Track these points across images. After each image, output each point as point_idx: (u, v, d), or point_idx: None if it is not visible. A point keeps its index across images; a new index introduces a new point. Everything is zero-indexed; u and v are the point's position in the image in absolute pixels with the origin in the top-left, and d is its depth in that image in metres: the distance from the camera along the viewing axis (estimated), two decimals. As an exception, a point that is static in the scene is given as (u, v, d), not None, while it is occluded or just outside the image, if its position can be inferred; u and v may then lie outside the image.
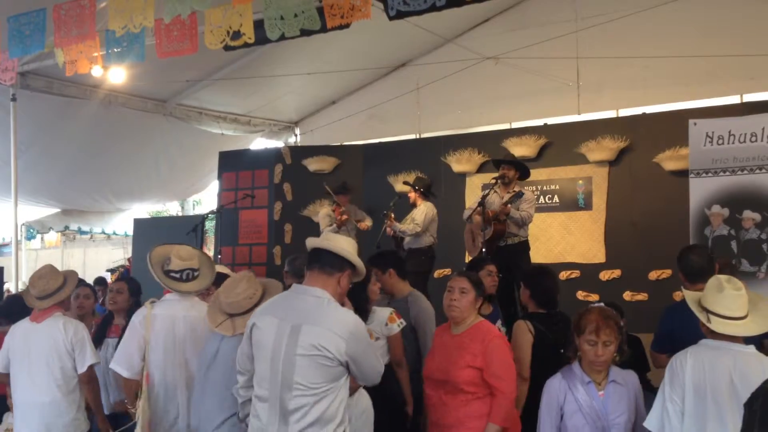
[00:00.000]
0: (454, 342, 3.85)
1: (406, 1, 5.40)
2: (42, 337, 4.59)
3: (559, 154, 9.31)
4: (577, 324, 3.52)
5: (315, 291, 3.24)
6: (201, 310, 4.32)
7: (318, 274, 3.28)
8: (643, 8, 8.78)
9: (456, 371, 3.71)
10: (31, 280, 4.74)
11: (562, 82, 9.85)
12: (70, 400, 4.61)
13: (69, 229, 12.72)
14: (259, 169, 10.68)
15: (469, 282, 3.90)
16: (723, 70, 9.06)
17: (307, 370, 3.10)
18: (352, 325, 3.18)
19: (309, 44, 8.51)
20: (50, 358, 4.55)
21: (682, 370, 3.23)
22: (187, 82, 10.25)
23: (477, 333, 3.81)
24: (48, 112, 9.34)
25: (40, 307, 4.68)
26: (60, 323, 4.65)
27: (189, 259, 4.44)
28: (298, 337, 3.12)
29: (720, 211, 6.67)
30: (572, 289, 8.81)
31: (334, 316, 3.18)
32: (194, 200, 16.26)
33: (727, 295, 3.26)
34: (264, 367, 3.21)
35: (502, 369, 3.72)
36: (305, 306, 3.21)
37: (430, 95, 10.97)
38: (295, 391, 3.10)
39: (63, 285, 4.77)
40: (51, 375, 4.54)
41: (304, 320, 3.15)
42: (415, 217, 8.09)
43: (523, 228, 7.31)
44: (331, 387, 3.13)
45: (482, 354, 3.69)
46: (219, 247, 10.17)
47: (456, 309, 3.87)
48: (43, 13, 6.36)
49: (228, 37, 5.67)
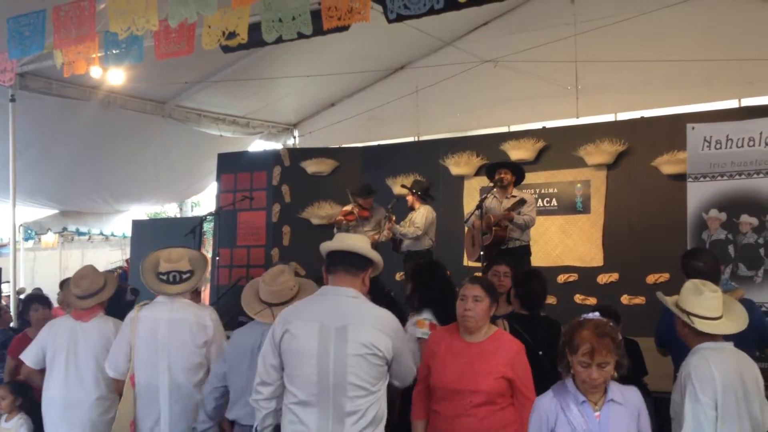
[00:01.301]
0: (472, 351, 3.66)
1: (406, 5, 5.41)
2: (93, 336, 4.68)
3: (557, 158, 9.32)
4: (569, 340, 3.07)
5: (348, 291, 3.28)
6: (187, 312, 4.33)
7: (344, 276, 3.32)
8: (641, 12, 8.78)
9: (488, 381, 3.55)
10: (74, 280, 4.80)
11: (560, 86, 9.86)
12: (113, 397, 4.67)
13: (67, 230, 12.74)
14: (258, 171, 10.68)
15: (483, 289, 3.71)
16: (721, 74, 9.07)
17: (360, 369, 3.12)
18: (395, 323, 3.25)
19: (308, 47, 8.51)
20: (100, 357, 4.60)
21: (711, 376, 3.23)
22: (186, 84, 10.25)
23: (501, 343, 3.68)
24: (47, 113, 9.35)
25: (83, 306, 4.75)
26: (110, 323, 4.74)
27: (176, 261, 4.43)
28: (347, 336, 3.14)
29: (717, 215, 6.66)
30: (570, 292, 8.82)
31: (377, 314, 3.24)
32: (193, 202, 16.26)
33: (706, 297, 3.41)
34: (309, 372, 3.18)
35: (530, 380, 3.64)
36: (343, 307, 3.23)
37: (428, 98, 10.98)
38: (351, 392, 3.11)
39: (104, 285, 4.85)
40: (100, 372, 4.60)
41: (348, 321, 3.18)
42: (416, 220, 8.08)
43: (525, 232, 7.30)
44: (383, 386, 3.19)
45: (511, 365, 3.57)
46: (217, 248, 10.16)
47: (471, 319, 3.66)
48: (43, 15, 6.37)
49: (223, 38, 5.67)
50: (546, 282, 4.82)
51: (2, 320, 7.50)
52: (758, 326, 4.11)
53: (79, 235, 13.42)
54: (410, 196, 8.29)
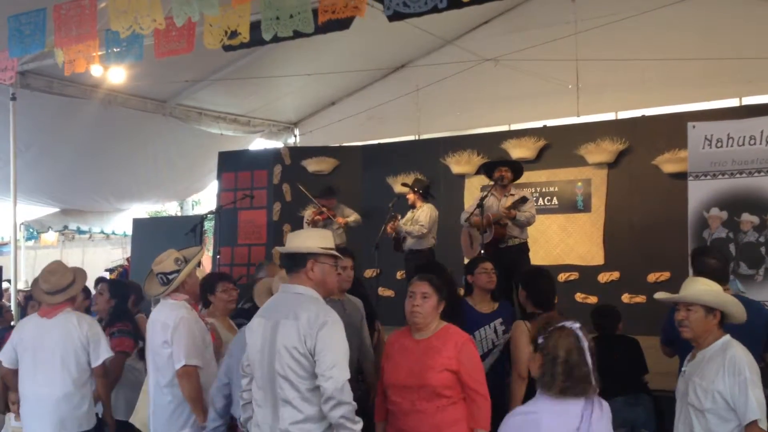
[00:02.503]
0: (420, 347, 3.70)
1: (406, 3, 5.40)
2: (56, 333, 4.65)
3: (558, 156, 9.33)
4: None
5: (295, 288, 3.39)
6: (169, 315, 4.31)
7: (290, 274, 3.45)
8: (642, 11, 8.77)
9: (433, 375, 3.58)
10: (43, 276, 4.76)
11: (561, 84, 9.85)
12: (83, 393, 4.69)
13: (68, 228, 12.73)
14: (258, 169, 10.69)
15: (431, 286, 3.73)
16: (722, 72, 9.05)
17: (285, 363, 3.21)
18: (321, 319, 3.24)
19: (309, 45, 8.51)
20: (65, 353, 4.61)
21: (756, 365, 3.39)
22: (187, 83, 10.24)
23: (448, 336, 3.69)
24: (48, 111, 9.34)
25: (51, 303, 4.72)
26: (74, 318, 4.71)
27: (159, 263, 4.44)
28: (278, 331, 3.26)
29: (718, 213, 6.67)
30: (571, 291, 8.83)
31: (307, 311, 3.25)
32: (193, 200, 16.27)
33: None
34: (255, 366, 3.37)
35: (479, 373, 3.66)
36: (285, 303, 3.37)
37: (429, 96, 10.97)
38: (282, 384, 3.21)
39: (73, 281, 4.82)
40: (66, 369, 4.61)
41: (281, 316, 3.29)
42: (420, 219, 8.07)
43: (523, 230, 7.30)
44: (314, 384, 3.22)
45: (457, 357, 3.59)
46: (218, 247, 10.16)
47: (419, 315, 3.70)
48: (43, 13, 6.37)
49: (226, 37, 5.68)
50: (553, 279, 4.81)
51: (4, 319, 7.50)
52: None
53: (80, 233, 13.42)
54: (411, 194, 8.30)
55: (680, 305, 3.55)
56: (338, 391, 3.11)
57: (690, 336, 3.53)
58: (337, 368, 3.14)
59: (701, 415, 3.37)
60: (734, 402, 3.29)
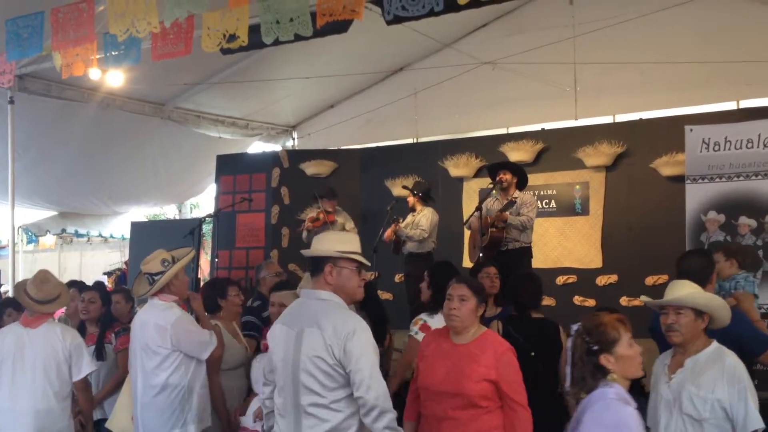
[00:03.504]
0: (458, 352, 3.63)
1: (404, 6, 5.41)
2: (39, 344, 4.52)
3: (556, 159, 9.33)
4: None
5: (318, 294, 3.29)
6: (160, 316, 4.30)
7: (313, 279, 3.35)
8: (640, 14, 8.77)
9: (470, 384, 3.50)
10: (36, 284, 4.64)
11: (559, 88, 9.86)
12: (64, 407, 4.58)
13: (66, 231, 12.71)
14: (257, 172, 10.69)
15: (469, 289, 3.67)
16: (720, 76, 9.06)
17: (310, 372, 3.13)
18: (348, 327, 3.16)
19: (307, 48, 8.50)
20: (48, 365, 4.50)
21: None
22: (185, 86, 10.24)
23: (487, 344, 3.61)
24: (46, 114, 9.33)
25: (43, 311, 4.62)
26: (57, 330, 4.61)
27: (147, 263, 4.43)
28: (302, 339, 3.17)
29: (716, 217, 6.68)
30: (569, 294, 8.83)
31: (334, 318, 3.17)
32: (192, 203, 16.27)
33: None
34: (278, 374, 3.30)
35: (519, 383, 3.56)
36: (308, 310, 3.27)
37: (427, 100, 10.98)
38: (305, 396, 3.13)
39: (60, 294, 4.75)
40: (48, 382, 4.49)
41: (305, 324, 3.20)
42: (421, 223, 8.05)
43: (524, 233, 7.19)
44: (342, 394, 3.13)
45: (495, 367, 3.50)
46: (216, 250, 10.16)
47: (456, 318, 3.63)
48: (41, 17, 6.35)
49: (224, 40, 5.67)
50: (540, 283, 4.86)
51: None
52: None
53: (78, 236, 13.39)
54: (411, 198, 8.28)
55: (669, 309, 3.46)
56: (380, 400, 3.03)
57: (680, 341, 3.44)
58: (375, 377, 3.06)
59: (698, 425, 3.29)
60: (732, 411, 3.22)
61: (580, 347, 2.86)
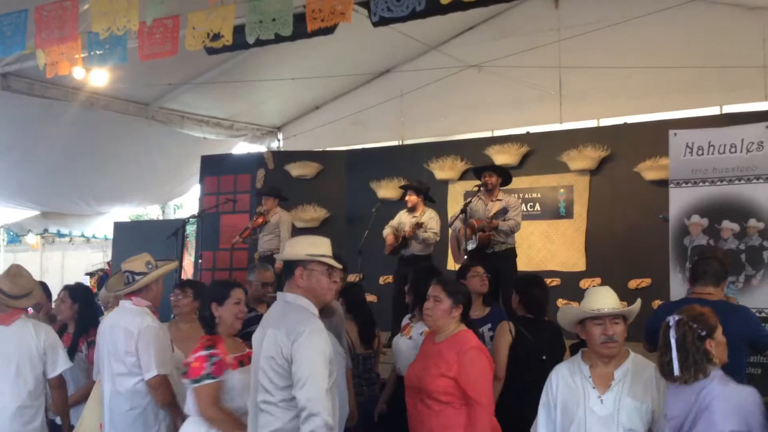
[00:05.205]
0: (433, 350, 3.79)
1: (389, 7, 5.42)
2: (13, 341, 4.40)
3: (540, 163, 9.36)
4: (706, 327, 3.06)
5: (286, 296, 3.37)
6: (132, 321, 4.18)
7: (286, 283, 3.41)
8: (625, 19, 8.83)
9: (429, 380, 3.66)
10: (10, 278, 4.52)
11: (544, 91, 9.90)
12: (38, 405, 4.47)
13: (48, 231, 12.61)
14: (242, 173, 10.66)
15: (443, 290, 3.79)
16: (703, 81, 9.14)
17: (266, 372, 3.19)
18: (300, 327, 3.18)
19: (293, 49, 8.49)
20: (21, 363, 4.38)
21: None
22: (170, 86, 10.20)
23: (455, 343, 3.71)
24: (29, 113, 9.25)
25: (18, 306, 4.50)
26: (30, 326, 4.49)
27: (130, 262, 4.37)
28: (264, 339, 3.24)
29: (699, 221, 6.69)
30: (553, 297, 8.79)
31: (290, 318, 3.23)
32: (175, 204, 16.17)
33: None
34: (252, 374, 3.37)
35: (479, 380, 3.61)
36: (274, 312, 3.38)
37: (413, 102, 10.98)
38: (261, 395, 3.20)
39: (34, 288, 4.67)
40: (22, 380, 4.37)
41: (269, 324, 3.28)
42: (432, 226, 7.84)
43: (510, 236, 7.32)
44: (290, 394, 3.22)
45: (457, 363, 3.60)
46: (200, 251, 10.11)
47: (429, 318, 3.82)
48: (25, 14, 6.28)
49: (208, 39, 5.65)
50: (547, 287, 4.89)
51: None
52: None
53: (60, 236, 13.30)
54: (414, 197, 8.02)
55: (606, 320, 3.30)
56: (311, 402, 3.02)
57: (616, 353, 3.32)
58: (313, 379, 3.05)
59: None
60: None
61: (689, 334, 3.02)
